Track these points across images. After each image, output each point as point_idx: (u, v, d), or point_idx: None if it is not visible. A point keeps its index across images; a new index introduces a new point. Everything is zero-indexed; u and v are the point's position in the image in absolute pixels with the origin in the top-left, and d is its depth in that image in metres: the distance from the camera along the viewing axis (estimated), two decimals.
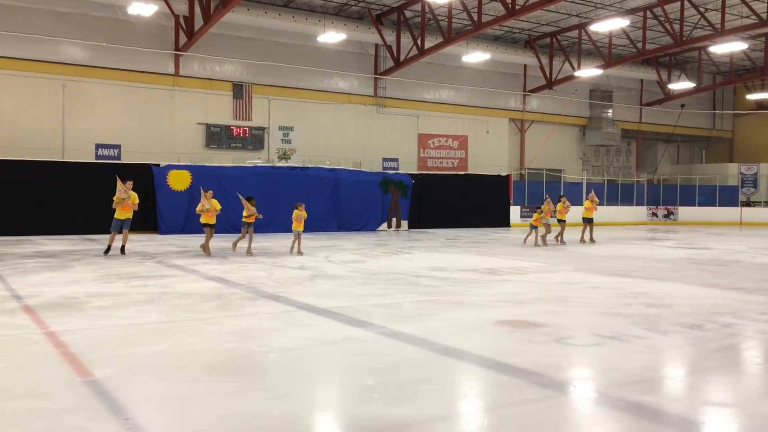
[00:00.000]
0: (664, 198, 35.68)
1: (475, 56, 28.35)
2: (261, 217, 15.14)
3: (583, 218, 19.73)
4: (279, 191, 23.22)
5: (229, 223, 22.43)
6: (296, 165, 25.03)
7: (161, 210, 21.72)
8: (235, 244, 15.36)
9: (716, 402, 4.87)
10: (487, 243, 19.69)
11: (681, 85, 33.79)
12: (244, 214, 14.83)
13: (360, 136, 28.91)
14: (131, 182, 14.46)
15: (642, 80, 36.17)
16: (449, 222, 26.33)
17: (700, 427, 4.30)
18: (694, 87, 33.91)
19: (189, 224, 21.93)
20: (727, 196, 35.42)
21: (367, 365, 5.60)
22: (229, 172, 22.83)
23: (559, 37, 30.16)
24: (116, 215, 14.07)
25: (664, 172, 38.69)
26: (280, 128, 27.00)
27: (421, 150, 30.68)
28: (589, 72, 29.89)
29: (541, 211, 18.11)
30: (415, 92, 30.21)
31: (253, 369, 5.47)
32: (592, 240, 19.62)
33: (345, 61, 28.49)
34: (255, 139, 26.50)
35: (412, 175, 26.46)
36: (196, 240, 19.19)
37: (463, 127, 31.67)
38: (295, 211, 15.26)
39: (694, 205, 35.11)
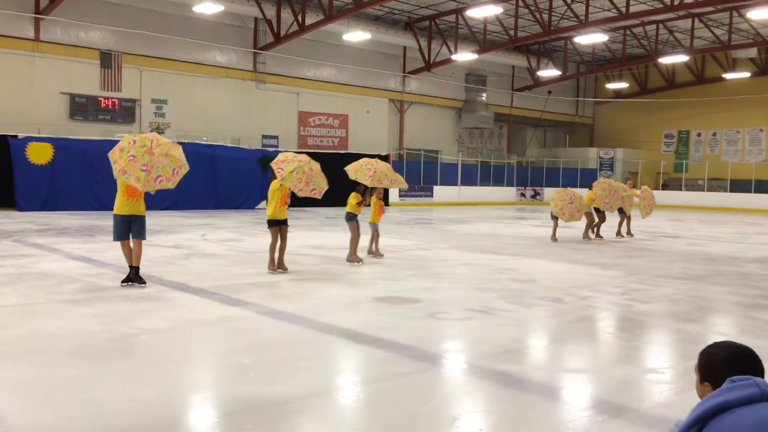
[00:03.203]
0: (532, 179, 37.68)
1: (356, 35, 28.37)
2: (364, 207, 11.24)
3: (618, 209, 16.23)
4: None
5: (96, 201, 21.26)
6: (171, 140, 24.02)
7: (19, 185, 20.14)
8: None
9: (574, 369, 5.27)
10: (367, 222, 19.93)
11: (548, 72, 35.62)
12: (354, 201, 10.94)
13: (238, 111, 28.16)
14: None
15: (514, 66, 37.72)
16: (329, 201, 26.26)
17: (559, 392, 4.64)
18: (560, 75, 35.86)
19: (50, 200, 20.52)
20: (587, 178, 37.76)
21: (244, 344, 5.55)
22: (97, 146, 21.50)
23: (437, 20, 30.79)
24: (120, 209, 7.95)
25: (532, 155, 40.77)
26: (153, 101, 25.74)
27: (302, 128, 30.39)
28: (465, 56, 30.78)
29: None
30: (295, 69, 29.78)
31: (123, 352, 5.26)
32: (629, 233, 16.49)
33: (223, 33, 27.54)
34: (125, 112, 25.10)
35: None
36: (57, 217, 17.98)
37: (343, 105, 31.68)
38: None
39: (558, 187, 37.32)
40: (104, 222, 16.88)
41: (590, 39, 30.12)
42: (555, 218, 14.80)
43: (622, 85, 39.16)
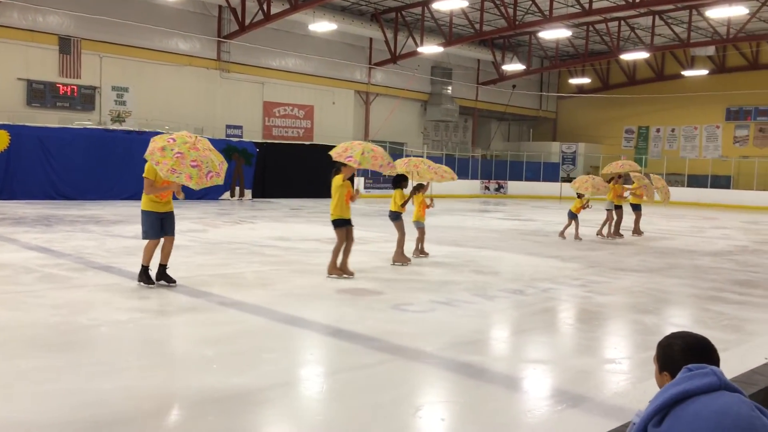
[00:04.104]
0: (496, 173, 38.03)
1: (322, 26, 28.19)
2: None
3: (632, 205, 15.72)
4: (112, 156, 21.82)
5: (54, 190, 20.81)
6: (132, 129, 23.58)
7: None
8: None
9: (534, 359, 5.36)
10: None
11: (513, 66, 35.93)
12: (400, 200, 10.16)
13: (202, 101, 27.76)
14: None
15: (479, 60, 37.95)
16: (294, 192, 26.22)
17: (519, 383, 4.72)
18: (525, 69, 36.21)
19: (6, 189, 19.98)
20: (550, 172, 38.48)
21: (206, 336, 5.51)
22: (55, 133, 21.04)
23: (403, 12, 30.77)
24: (151, 206, 7.42)
25: (496, 149, 41.13)
26: (114, 88, 25.21)
27: (267, 118, 30.12)
28: (431, 49, 30.85)
29: (584, 197, 14.16)
30: (260, 58, 29.47)
31: (82, 343, 5.18)
32: (639, 231, 15.67)
33: (186, 21, 27.08)
34: (85, 99, 24.53)
35: (256, 144, 25.95)
36: (14, 206, 17.52)
37: (309, 96, 31.48)
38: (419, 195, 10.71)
39: (522, 180, 37.76)
40: (62, 211, 16.52)
41: (554, 34, 30.47)
42: (574, 217, 14.14)
43: (585, 80, 39.72)
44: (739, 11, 25.10)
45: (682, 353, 2.07)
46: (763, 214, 26.85)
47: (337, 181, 8.52)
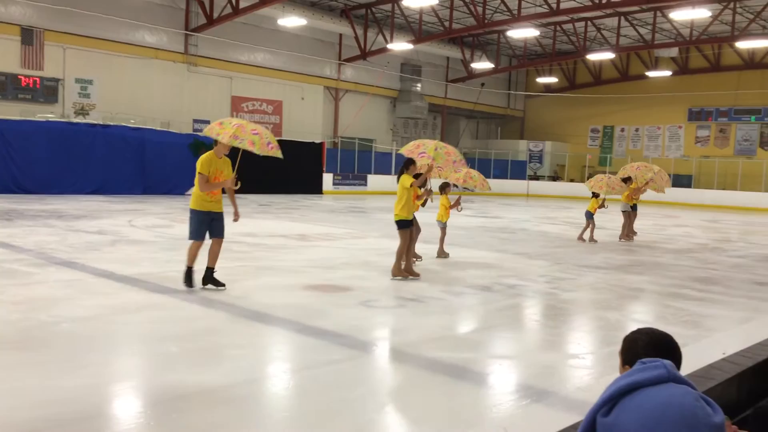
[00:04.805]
0: None
1: (291, 20, 28.01)
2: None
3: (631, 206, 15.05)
4: (75, 150, 21.39)
5: (15, 184, 20.33)
6: (96, 122, 23.14)
7: None
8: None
9: (500, 355, 5.42)
10: (300, 209, 19.82)
11: (482, 65, 36.19)
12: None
13: (169, 94, 27.35)
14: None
15: (448, 58, 38.12)
16: (262, 188, 26.01)
17: (485, 378, 4.77)
18: (493, 68, 36.49)
19: None
20: (517, 170, 38.85)
21: (172, 332, 5.45)
22: (16, 126, 20.53)
23: (373, 9, 30.74)
24: (201, 205, 7.13)
25: (465, 146, 41.35)
26: (78, 81, 24.69)
27: (235, 113, 29.80)
28: (400, 46, 30.89)
29: (600, 197, 13.70)
30: (229, 53, 29.16)
31: (42, 340, 5.07)
32: (633, 231, 15.29)
33: (153, 13, 26.64)
34: (47, 91, 23.99)
35: None
36: None
37: (278, 91, 31.26)
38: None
39: (490, 178, 37.89)
40: (23, 206, 16.16)
41: (522, 33, 30.78)
42: (591, 218, 13.73)
43: (552, 79, 40.17)
44: (702, 14, 25.63)
45: (645, 348, 2.11)
46: (723, 213, 27.52)
47: (404, 181, 8.19)
